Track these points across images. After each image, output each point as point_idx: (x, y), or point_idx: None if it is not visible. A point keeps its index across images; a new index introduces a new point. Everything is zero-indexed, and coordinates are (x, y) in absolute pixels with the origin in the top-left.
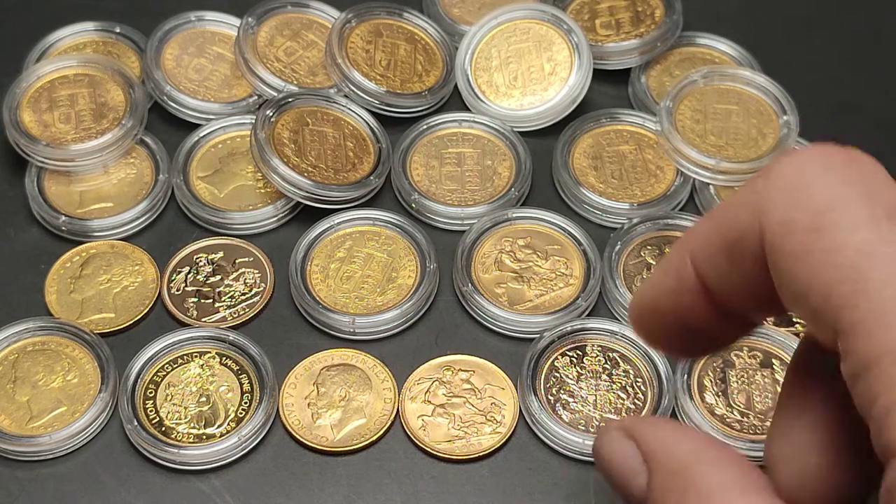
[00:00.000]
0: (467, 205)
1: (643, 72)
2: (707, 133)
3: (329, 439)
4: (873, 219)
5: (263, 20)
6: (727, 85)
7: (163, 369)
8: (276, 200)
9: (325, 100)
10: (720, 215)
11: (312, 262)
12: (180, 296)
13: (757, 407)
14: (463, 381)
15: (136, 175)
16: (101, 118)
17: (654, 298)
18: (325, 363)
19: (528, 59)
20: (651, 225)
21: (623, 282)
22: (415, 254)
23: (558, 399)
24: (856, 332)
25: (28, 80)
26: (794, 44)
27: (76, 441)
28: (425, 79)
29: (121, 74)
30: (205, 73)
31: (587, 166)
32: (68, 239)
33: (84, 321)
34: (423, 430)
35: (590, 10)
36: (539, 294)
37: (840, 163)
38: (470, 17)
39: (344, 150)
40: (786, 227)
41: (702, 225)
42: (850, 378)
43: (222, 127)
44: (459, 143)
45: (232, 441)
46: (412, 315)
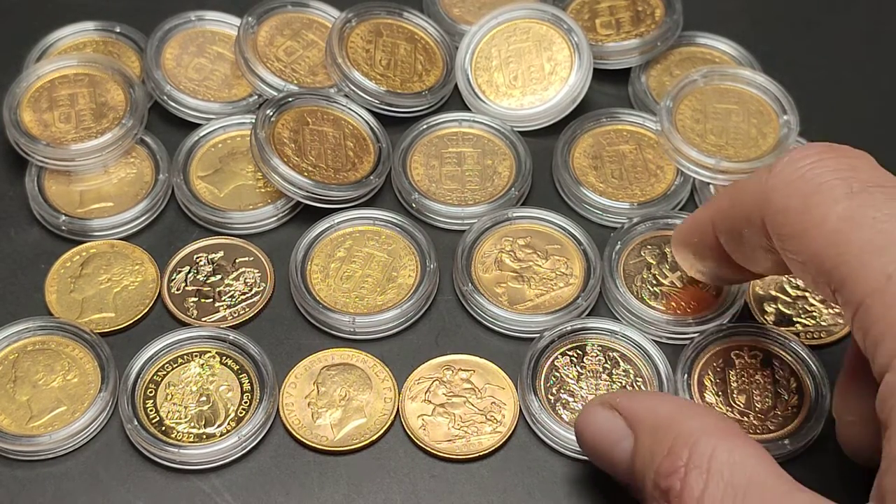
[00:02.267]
0: (467, 204)
1: (643, 71)
2: (707, 133)
3: (329, 439)
4: (850, 193)
5: (263, 20)
6: (727, 85)
7: (163, 369)
8: (276, 200)
9: (325, 99)
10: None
11: (312, 261)
12: (180, 295)
13: (757, 407)
14: (463, 380)
15: (136, 175)
16: (102, 118)
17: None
18: (325, 363)
19: (528, 58)
20: (651, 224)
21: (623, 281)
22: (415, 253)
23: (558, 398)
24: (846, 283)
25: (28, 79)
26: (794, 44)
27: (76, 441)
28: (425, 78)
29: (121, 74)
30: (205, 72)
31: (587, 166)
32: (68, 238)
33: (84, 321)
34: (423, 429)
35: (590, 10)
36: (539, 294)
37: (830, 156)
38: (470, 17)
39: (344, 150)
40: (783, 214)
41: (722, 200)
42: (850, 323)
43: (222, 126)
44: (459, 142)
45: (232, 441)
46: (412, 315)
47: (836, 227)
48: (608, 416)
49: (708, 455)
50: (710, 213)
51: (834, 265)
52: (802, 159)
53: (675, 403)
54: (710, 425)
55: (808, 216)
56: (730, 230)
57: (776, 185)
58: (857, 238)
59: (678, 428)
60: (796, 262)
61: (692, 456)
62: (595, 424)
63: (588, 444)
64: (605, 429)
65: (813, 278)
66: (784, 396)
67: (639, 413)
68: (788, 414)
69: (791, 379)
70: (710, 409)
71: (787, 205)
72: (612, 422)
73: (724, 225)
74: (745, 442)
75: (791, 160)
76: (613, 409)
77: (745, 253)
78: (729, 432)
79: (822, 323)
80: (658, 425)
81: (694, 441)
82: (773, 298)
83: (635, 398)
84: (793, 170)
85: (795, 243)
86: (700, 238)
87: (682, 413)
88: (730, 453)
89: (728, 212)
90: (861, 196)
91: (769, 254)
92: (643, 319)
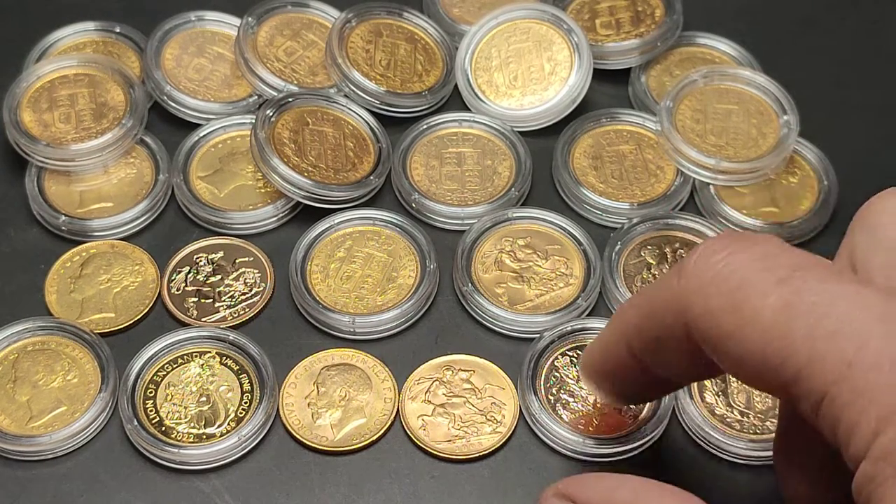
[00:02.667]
0: (467, 205)
1: (643, 72)
2: (707, 133)
3: (329, 439)
4: (778, 281)
5: (263, 20)
6: (727, 85)
7: (163, 369)
8: (276, 200)
9: (325, 100)
10: (646, 310)
11: (312, 261)
12: (180, 296)
13: (757, 407)
14: (463, 380)
15: (136, 175)
16: (101, 118)
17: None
18: (325, 363)
19: (528, 58)
20: (651, 225)
21: (623, 282)
22: (415, 254)
23: (558, 399)
24: (801, 377)
25: (28, 79)
26: (794, 44)
27: (76, 441)
28: (425, 79)
29: (121, 74)
30: (205, 72)
31: (587, 166)
32: (68, 239)
33: (84, 321)
34: (423, 429)
35: (590, 10)
36: (539, 294)
37: (739, 247)
38: (470, 17)
39: (344, 150)
40: (710, 317)
41: (632, 317)
42: (811, 415)
43: (222, 127)
44: (459, 142)
45: (232, 441)
46: (412, 315)
47: (773, 321)
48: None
49: None
50: (620, 334)
51: (781, 360)
52: (712, 255)
53: (632, 487)
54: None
55: (738, 315)
56: (648, 345)
57: (693, 288)
58: (800, 327)
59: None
60: (731, 362)
61: None
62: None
63: None
64: None
65: (753, 377)
66: None
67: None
68: None
69: None
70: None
71: (711, 306)
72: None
73: (640, 343)
74: None
75: (701, 257)
76: (568, 499)
77: (670, 364)
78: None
79: None
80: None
81: None
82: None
83: (588, 485)
84: (706, 268)
85: (729, 345)
86: (615, 361)
87: (641, 500)
88: None
89: (642, 327)
90: (791, 283)
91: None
92: None
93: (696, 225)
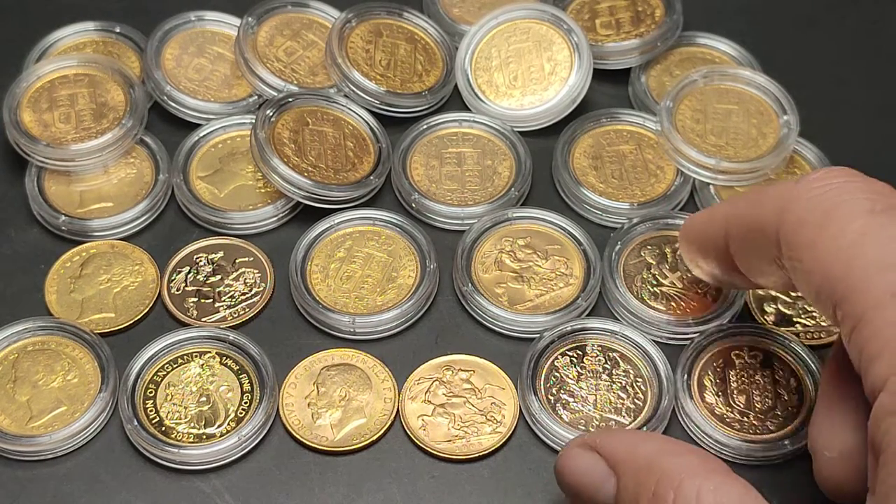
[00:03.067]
0: (467, 205)
1: (643, 72)
2: (707, 133)
3: (329, 439)
4: (871, 211)
5: (263, 20)
6: (727, 85)
7: (163, 369)
8: (276, 200)
9: (325, 100)
10: (753, 204)
11: (312, 261)
12: (180, 296)
13: (757, 407)
14: (463, 380)
15: (136, 175)
16: (101, 118)
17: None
18: (325, 363)
19: (528, 58)
20: (651, 225)
21: (623, 282)
22: (415, 254)
23: (558, 399)
24: (848, 298)
25: (28, 80)
26: (794, 44)
27: (76, 441)
28: (425, 79)
29: (121, 74)
30: (205, 72)
31: (587, 166)
32: (68, 239)
33: (84, 321)
34: (423, 429)
35: (590, 10)
36: (539, 294)
37: (858, 179)
38: (470, 17)
39: (344, 150)
40: (800, 225)
41: (740, 203)
42: (846, 339)
43: (222, 127)
44: (459, 142)
45: (232, 441)
46: (412, 315)
47: (850, 242)
48: (588, 458)
49: (693, 496)
50: (725, 213)
51: (839, 278)
52: (831, 177)
53: (656, 442)
54: (693, 464)
55: (825, 230)
56: (742, 235)
57: (799, 197)
58: (867, 254)
59: (661, 468)
60: (802, 272)
61: (677, 498)
62: (575, 467)
63: (569, 488)
64: (586, 471)
65: (816, 291)
66: (784, 396)
67: (619, 454)
68: (788, 414)
69: (791, 379)
70: (692, 446)
71: (806, 217)
72: (593, 464)
73: (737, 228)
74: (730, 479)
75: (819, 176)
76: (593, 450)
77: (751, 262)
78: (713, 471)
79: (822, 323)
80: (640, 466)
81: (678, 483)
82: (773, 299)
83: (615, 437)
84: (819, 185)
85: (805, 254)
86: (709, 237)
87: (664, 452)
88: (715, 493)
89: (744, 215)
90: (881, 216)
91: (775, 267)
92: (643, 320)
93: None
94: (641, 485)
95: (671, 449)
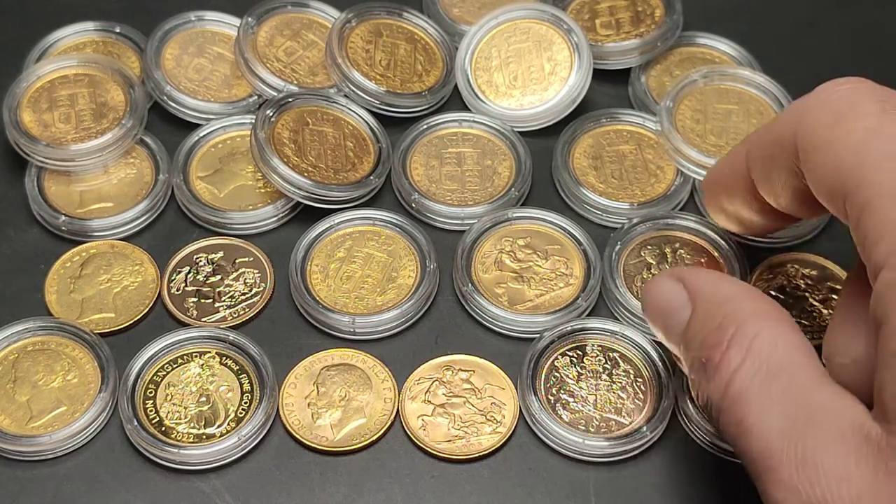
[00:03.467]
0: (467, 205)
1: (643, 72)
2: (707, 133)
3: (329, 439)
4: (882, 111)
5: (263, 20)
6: (727, 85)
7: (163, 369)
8: (276, 200)
9: (325, 100)
10: (771, 122)
11: (312, 262)
12: (180, 296)
13: None
14: (463, 380)
15: (136, 175)
16: (101, 118)
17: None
18: (325, 363)
19: (528, 58)
20: (651, 225)
21: (623, 282)
22: (415, 254)
23: (558, 399)
24: (859, 189)
25: (28, 80)
26: (794, 44)
27: (76, 441)
28: (425, 79)
29: (121, 74)
30: (205, 73)
31: (587, 166)
32: (68, 239)
33: (84, 321)
34: (423, 429)
35: (590, 10)
36: (539, 294)
37: (868, 85)
38: (470, 17)
39: (344, 150)
40: (813, 129)
41: (759, 130)
42: (854, 229)
43: (222, 127)
44: (459, 142)
45: (232, 441)
46: (412, 315)
47: (861, 139)
48: (673, 286)
49: (752, 335)
50: (745, 144)
51: (850, 171)
52: (843, 84)
53: (738, 286)
54: (762, 310)
55: (835, 129)
56: (762, 154)
57: (812, 104)
58: (876, 148)
59: (732, 306)
60: (817, 173)
61: (737, 333)
62: (659, 292)
63: (650, 310)
64: (667, 297)
65: (829, 190)
66: None
67: (701, 287)
68: None
69: None
70: (770, 298)
71: (820, 119)
72: (676, 292)
73: (758, 149)
74: (793, 331)
75: (831, 83)
76: (680, 281)
77: (771, 178)
78: (779, 319)
79: (822, 323)
80: (715, 301)
81: (743, 320)
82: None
83: (701, 274)
84: (831, 91)
85: (819, 155)
86: (733, 171)
87: (741, 295)
88: (773, 337)
89: (764, 135)
90: (891, 114)
91: (794, 179)
92: (643, 320)
93: (696, 225)
94: (711, 316)
95: (749, 294)
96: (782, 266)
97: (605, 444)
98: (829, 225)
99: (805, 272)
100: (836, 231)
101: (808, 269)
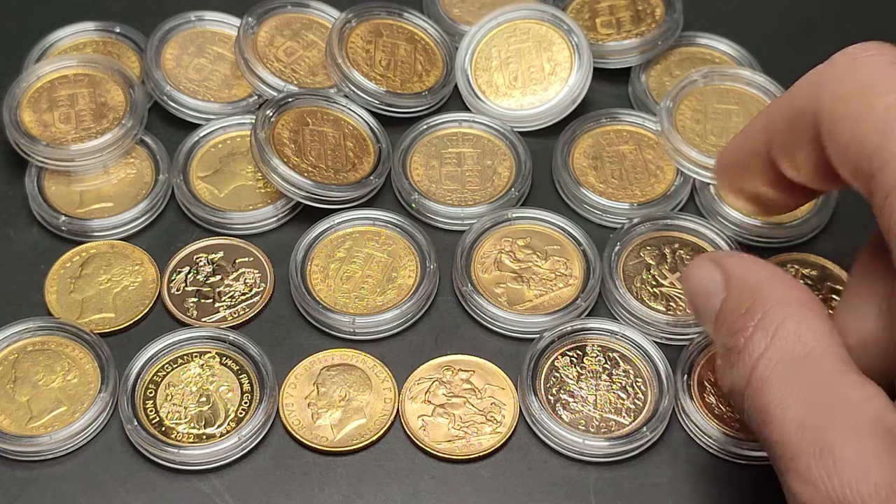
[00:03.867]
0: (467, 205)
1: (643, 71)
2: (707, 133)
3: (329, 439)
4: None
5: (263, 20)
6: (727, 85)
7: (163, 369)
8: (276, 200)
9: (325, 100)
10: (789, 94)
11: (312, 262)
12: (180, 296)
13: None
14: (463, 381)
15: (136, 175)
16: (101, 118)
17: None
18: (325, 363)
19: (528, 59)
20: (651, 225)
21: (623, 282)
22: (415, 254)
23: (558, 399)
24: (882, 170)
25: (28, 80)
26: (794, 44)
27: (76, 441)
28: (425, 79)
29: (121, 74)
30: (205, 73)
31: (587, 166)
32: (68, 239)
33: (84, 321)
34: (423, 430)
35: (590, 9)
36: (539, 294)
37: (889, 50)
38: (470, 17)
39: (344, 150)
40: (835, 98)
41: (776, 101)
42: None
43: (222, 127)
44: (459, 143)
45: (232, 441)
46: (412, 315)
47: (883, 114)
48: (711, 270)
49: (778, 322)
50: (760, 119)
51: (874, 150)
52: (862, 51)
53: (770, 271)
54: (791, 296)
55: (857, 101)
56: (781, 127)
57: (832, 74)
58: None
59: (762, 292)
60: (839, 147)
61: (763, 319)
62: (698, 276)
63: (688, 294)
64: (704, 281)
65: (852, 166)
66: None
67: (735, 272)
68: None
69: None
70: (801, 283)
71: (840, 91)
72: (712, 276)
73: (777, 122)
74: (820, 317)
75: (850, 50)
76: (717, 265)
77: (793, 153)
78: (807, 306)
79: None
80: (747, 286)
81: (770, 306)
82: None
83: (736, 258)
84: (850, 59)
85: (840, 128)
86: (749, 148)
87: (771, 280)
88: (798, 324)
89: (782, 108)
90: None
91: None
92: (643, 320)
93: (695, 225)
94: (740, 300)
95: (780, 278)
96: (782, 266)
97: (605, 445)
98: (830, 225)
99: (805, 272)
100: (837, 231)
101: (808, 269)
